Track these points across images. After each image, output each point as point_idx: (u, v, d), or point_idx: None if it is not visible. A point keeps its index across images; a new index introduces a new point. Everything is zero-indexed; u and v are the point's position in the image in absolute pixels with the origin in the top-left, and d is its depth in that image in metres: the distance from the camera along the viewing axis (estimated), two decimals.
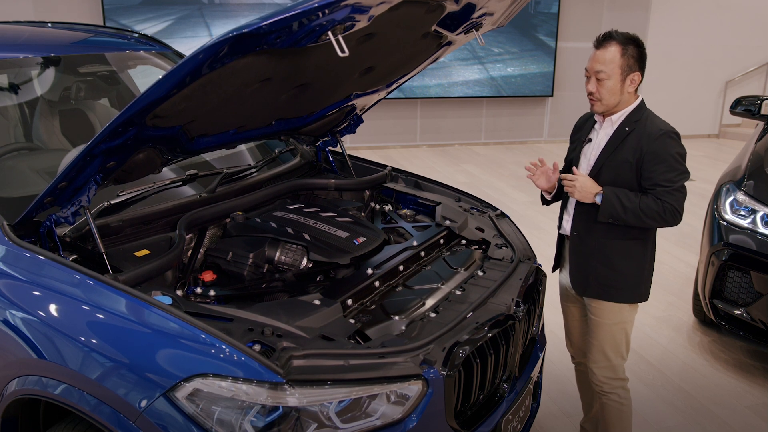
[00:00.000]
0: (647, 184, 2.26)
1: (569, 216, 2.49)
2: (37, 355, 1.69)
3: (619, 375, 2.49)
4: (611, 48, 2.24)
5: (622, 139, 2.32)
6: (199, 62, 1.57)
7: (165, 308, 1.63)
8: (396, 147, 8.97)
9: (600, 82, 2.27)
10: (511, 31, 8.79)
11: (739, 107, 4.61)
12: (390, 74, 2.60)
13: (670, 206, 2.22)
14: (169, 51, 3.23)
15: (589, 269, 2.42)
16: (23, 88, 2.80)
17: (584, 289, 2.47)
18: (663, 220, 2.24)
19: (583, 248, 2.43)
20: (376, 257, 2.22)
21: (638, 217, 2.24)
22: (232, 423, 1.52)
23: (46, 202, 1.85)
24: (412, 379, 1.67)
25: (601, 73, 2.26)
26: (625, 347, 2.48)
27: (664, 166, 2.24)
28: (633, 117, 2.33)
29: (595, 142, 2.42)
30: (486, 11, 2.23)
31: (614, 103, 2.30)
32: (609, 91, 2.27)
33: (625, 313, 2.43)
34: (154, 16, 7.65)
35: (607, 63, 2.24)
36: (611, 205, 2.26)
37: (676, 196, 2.24)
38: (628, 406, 2.52)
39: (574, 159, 2.52)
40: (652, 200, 2.23)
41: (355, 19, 1.67)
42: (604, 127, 2.39)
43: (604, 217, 2.28)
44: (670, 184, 2.23)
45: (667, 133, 2.26)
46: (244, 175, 2.63)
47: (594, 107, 2.35)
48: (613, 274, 2.38)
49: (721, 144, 9.60)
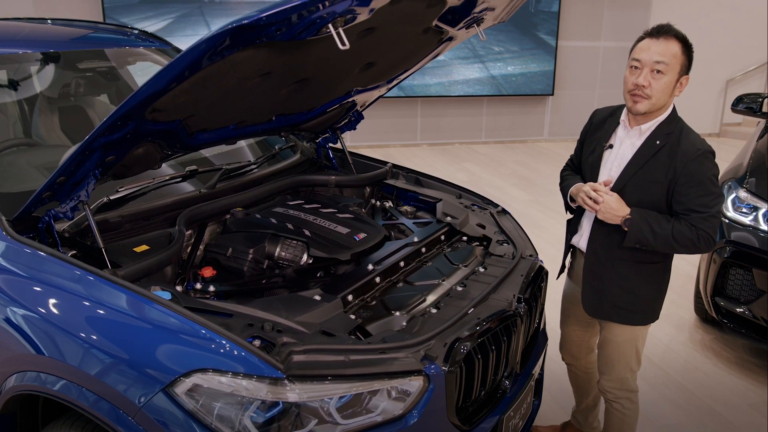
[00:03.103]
0: (680, 208, 2.07)
1: (583, 231, 2.33)
2: (36, 351, 1.68)
3: (627, 386, 2.40)
4: (672, 42, 2.04)
5: (652, 155, 2.10)
6: (199, 54, 1.56)
7: (164, 303, 1.61)
8: (396, 146, 8.96)
9: (657, 76, 2.04)
10: (511, 30, 8.78)
11: (741, 105, 4.59)
12: (391, 70, 2.59)
13: (705, 234, 2.02)
14: (169, 47, 3.22)
15: (603, 291, 2.27)
16: (22, 84, 2.78)
17: (595, 311, 2.33)
18: (695, 247, 2.05)
19: (600, 269, 2.27)
20: (377, 253, 2.21)
21: (669, 244, 2.06)
22: (231, 418, 1.51)
23: (45, 197, 1.84)
24: (413, 374, 1.66)
25: (662, 65, 2.02)
26: (635, 362, 2.37)
27: (700, 190, 2.04)
28: (665, 129, 2.11)
29: (618, 151, 2.21)
30: (487, 6, 2.22)
31: (662, 104, 2.09)
32: (664, 86, 2.04)
33: (637, 332, 2.32)
34: (154, 14, 7.64)
35: (668, 55, 2.02)
36: (640, 231, 2.07)
37: (712, 222, 2.03)
38: (631, 417, 2.44)
39: (592, 166, 2.28)
40: (686, 227, 2.03)
41: (356, 12, 1.66)
42: (630, 136, 2.18)
43: (630, 242, 2.10)
44: (706, 210, 2.03)
45: (704, 153, 2.05)
46: (244, 172, 2.62)
47: (637, 106, 2.09)
48: (630, 298, 2.24)
49: (722, 143, 9.58)
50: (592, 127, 2.37)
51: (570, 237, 2.45)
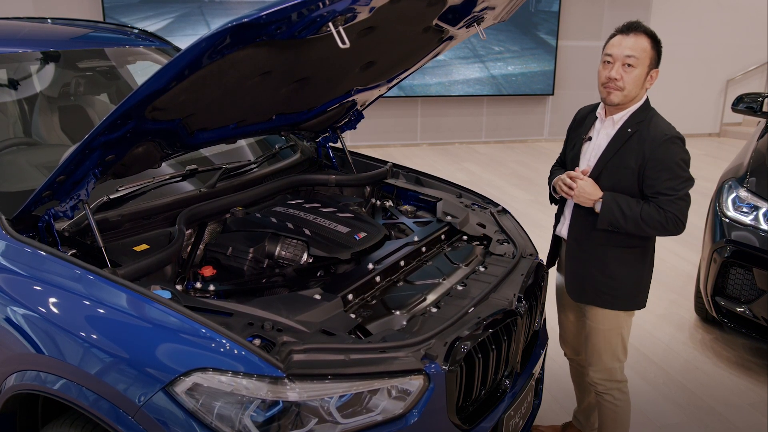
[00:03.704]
0: (649, 191, 2.18)
1: (566, 219, 2.43)
2: (36, 350, 1.68)
3: (615, 377, 2.44)
4: (641, 37, 2.16)
5: (623, 142, 2.22)
6: (199, 53, 1.55)
7: (164, 302, 1.61)
8: (396, 146, 8.96)
9: (628, 69, 2.16)
10: (511, 30, 8.77)
11: (741, 104, 4.59)
12: (391, 69, 2.59)
13: (673, 215, 2.14)
14: (169, 47, 3.21)
15: (585, 275, 2.36)
16: (22, 83, 2.78)
17: (580, 295, 2.42)
18: (665, 229, 2.16)
19: (581, 254, 2.36)
20: (377, 252, 2.20)
21: (639, 225, 2.16)
22: (232, 418, 1.50)
23: (45, 196, 1.84)
24: (413, 374, 1.65)
25: (632, 59, 2.15)
26: (621, 351, 2.43)
27: (668, 174, 2.15)
28: (636, 117, 2.23)
29: (595, 142, 2.33)
30: (487, 5, 2.22)
31: (633, 96, 2.21)
32: (635, 79, 2.16)
33: (621, 319, 2.38)
34: (154, 14, 7.64)
35: (640, 50, 2.15)
36: (611, 213, 2.18)
37: (680, 204, 2.14)
38: (623, 408, 2.48)
39: (573, 158, 2.43)
40: (654, 209, 2.15)
41: (356, 11, 1.66)
42: (605, 126, 2.30)
43: (603, 224, 2.21)
44: (674, 193, 2.14)
45: (671, 139, 2.16)
46: (244, 171, 2.62)
47: (610, 97, 2.22)
48: (610, 282, 2.31)
49: (722, 143, 9.58)
50: (574, 124, 2.51)
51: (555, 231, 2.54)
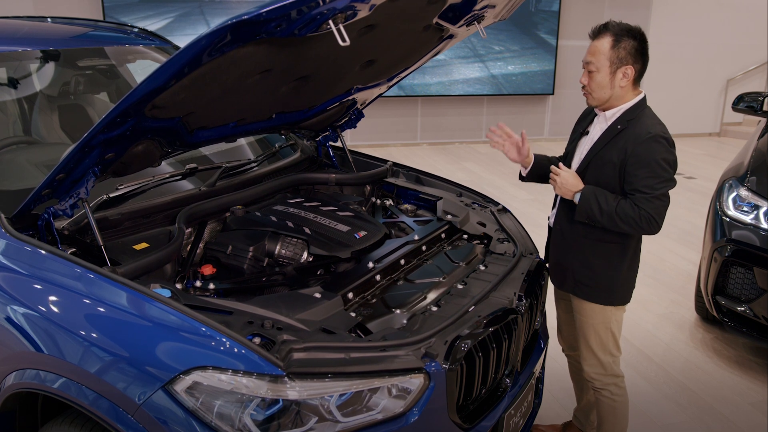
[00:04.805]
0: (628, 188, 2.18)
1: (556, 210, 2.47)
2: (35, 349, 1.67)
3: (610, 372, 2.44)
4: (603, 39, 2.17)
5: (611, 138, 2.23)
6: (199, 50, 1.55)
7: (164, 301, 1.61)
8: (396, 145, 8.96)
9: (590, 75, 2.20)
10: (512, 29, 8.77)
11: (742, 104, 4.59)
12: (391, 68, 2.58)
13: (647, 214, 2.12)
14: (169, 45, 3.21)
15: (566, 264, 2.40)
16: (22, 82, 2.78)
17: (561, 283, 2.46)
18: (638, 227, 2.15)
19: (564, 243, 2.40)
20: (377, 251, 2.20)
21: (613, 221, 2.16)
22: (231, 416, 1.50)
23: (44, 194, 1.83)
24: (413, 372, 1.65)
25: (590, 65, 2.19)
26: (612, 345, 2.43)
27: (646, 171, 2.13)
28: (628, 115, 2.23)
29: (590, 136, 2.36)
30: (488, 3, 2.21)
31: (605, 98, 2.22)
32: (598, 84, 2.19)
33: (608, 313, 2.38)
34: (154, 13, 7.64)
35: (596, 54, 2.17)
36: (588, 206, 2.19)
37: (655, 204, 2.13)
38: (621, 403, 2.48)
39: (569, 150, 2.47)
40: (629, 206, 2.14)
41: (356, 9, 1.65)
42: (599, 122, 2.32)
43: (580, 216, 2.22)
44: (650, 191, 2.12)
45: (654, 137, 2.14)
46: (244, 170, 2.62)
47: (587, 100, 2.28)
48: (589, 273, 2.33)
49: (723, 142, 9.58)
50: (580, 118, 2.53)
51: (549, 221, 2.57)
